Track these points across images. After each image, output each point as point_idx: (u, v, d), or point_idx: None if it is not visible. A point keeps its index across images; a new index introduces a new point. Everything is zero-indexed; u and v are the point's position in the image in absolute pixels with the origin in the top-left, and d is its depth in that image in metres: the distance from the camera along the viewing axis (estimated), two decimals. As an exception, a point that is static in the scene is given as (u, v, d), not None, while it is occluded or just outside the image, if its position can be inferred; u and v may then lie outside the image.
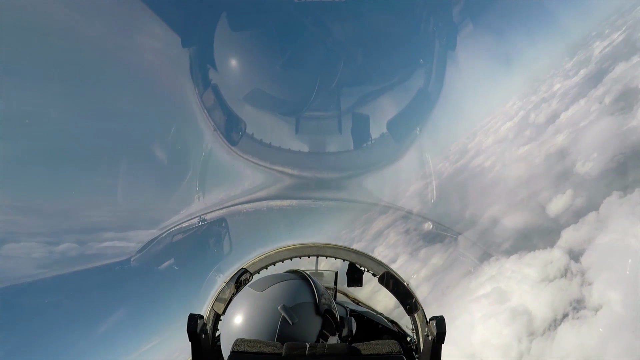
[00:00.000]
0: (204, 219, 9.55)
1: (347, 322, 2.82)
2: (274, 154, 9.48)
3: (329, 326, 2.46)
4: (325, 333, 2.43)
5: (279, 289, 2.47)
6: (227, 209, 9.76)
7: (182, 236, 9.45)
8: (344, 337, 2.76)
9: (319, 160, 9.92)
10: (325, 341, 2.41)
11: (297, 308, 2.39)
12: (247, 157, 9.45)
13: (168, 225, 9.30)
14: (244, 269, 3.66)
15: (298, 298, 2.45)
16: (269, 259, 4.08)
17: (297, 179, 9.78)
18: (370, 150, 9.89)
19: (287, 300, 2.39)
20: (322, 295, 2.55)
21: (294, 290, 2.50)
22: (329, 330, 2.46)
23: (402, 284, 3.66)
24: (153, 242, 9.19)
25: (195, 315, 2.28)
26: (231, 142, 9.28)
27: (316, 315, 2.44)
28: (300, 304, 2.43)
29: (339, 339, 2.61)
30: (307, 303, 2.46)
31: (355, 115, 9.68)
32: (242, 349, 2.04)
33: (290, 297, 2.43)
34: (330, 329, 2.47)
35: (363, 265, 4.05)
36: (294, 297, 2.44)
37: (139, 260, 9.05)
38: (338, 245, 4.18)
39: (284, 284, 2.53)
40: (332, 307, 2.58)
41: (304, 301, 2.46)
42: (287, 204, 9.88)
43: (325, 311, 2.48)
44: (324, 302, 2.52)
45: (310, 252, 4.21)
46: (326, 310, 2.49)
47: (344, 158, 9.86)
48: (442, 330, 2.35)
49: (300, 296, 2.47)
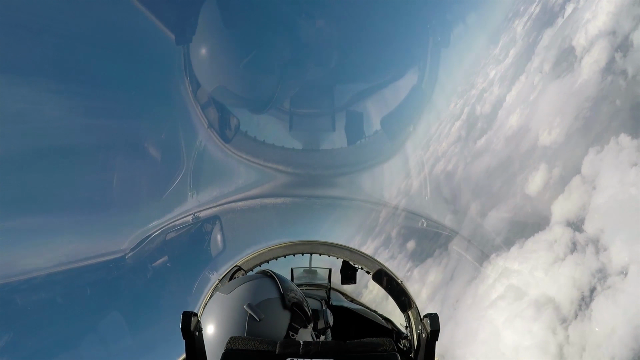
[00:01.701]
0: (197, 216, 9.54)
1: (323, 314, 2.89)
2: (268, 151, 9.48)
3: (298, 319, 2.52)
4: (295, 326, 2.49)
5: (244, 289, 2.54)
6: (220, 206, 9.75)
7: (175, 234, 9.44)
8: (320, 329, 2.86)
9: (312, 158, 9.92)
10: (296, 334, 2.48)
11: (263, 305, 2.45)
12: (241, 154, 9.44)
13: (161, 222, 9.29)
14: (238, 267, 3.67)
15: (264, 295, 2.50)
16: (263, 257, 4.08)
17: (290, 176, 9.79)
18: (363, 147, 9.91)
19: (252, 299, 2.45)
20: (289, 290, 2.59)
21: (260, 288, 2.56)
22: (298, 322, 2.51)
23: (396, 281, 3.67)
24: (147, 239, 9.18)
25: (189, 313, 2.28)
26: (225, 139, 9.27)
27: (283, 309, 2.50)
28: (266, 300, 2.48)
29: (314, 331, 2.68)
30: (273, 299, 2.51)
31: (348, 112, 9.69)
32: (235, 346, 2.05)
33: (255, 295, 2.49)
34: (300, 322, 2.52)
35: (357, 263, 4.06)
36: (260, 295, 2.50)
37: (133, 257, 9.04)
38: (332, 242, 4.19)
39: (250, 284, 2.59)
40: (301, 301, 2.62)
41: (270, 297, 2.51)
42: (280, 202, 9.89)
43: (293, 304, 2.53)
44: (291, 296, 2.57)
45: (304, 250, 4.22)
46: (294, 304, 2.54)
47: (337, 155, 9.87)
48: (436, 327, 2.37)
49: (266, 293, 2.53)
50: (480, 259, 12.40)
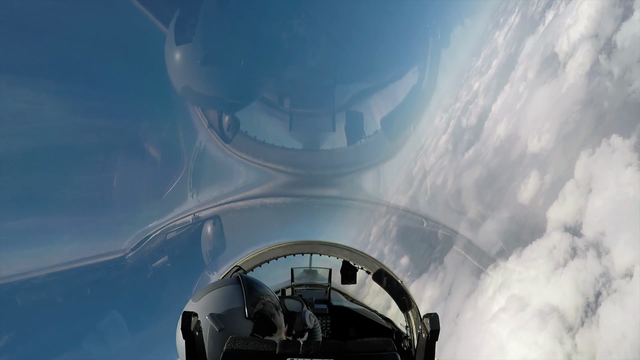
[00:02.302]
0: (197, 216, 9.54)
1: (301, 316, 2.90)
2: (268, 151, 9.48)
3: (260, 329, 2.54)
4: (257, 336, 2.50)
5: (210, 298, 2.56)
6: (220, 206, 9.75)
7: (175, 234, 9.44)
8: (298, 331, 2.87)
9: (312, 158, 9.92)
10: None
11: (226, 314, 2.47)
12: (241, 154, 9.44)
13: (162, 223, 9.28)
14: (238, 267, 3.67)
15: (227, 304, 2.52)
16: (263, 257, 4.08)
17: (290, 176, 9.78)
18: (363, 147, 9.90)
19: (216, 308, 2.48)
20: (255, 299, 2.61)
21: (225, 297, 2.57)
22: (260, 332, 2.53)
23: (396, 281, 3.66)
24: (147, 239, 9.18)
25: (189, 313, 2.28)
26: (225, 140, 9.27)
27: (246, 319, 2.51)
28: (230, 310, 2.50)
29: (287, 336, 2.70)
30: (236, 309, 2.52)
31: (349, 112, 9.69)
32: (235, 346, 2.05)
33: (219, 304, 2.51)
34: (262, 331, 2.54)
35: (357, 263, 4.05)
36: (223, 304, 2.52)
37: (133, 257, 9.04)
38: (332, 242, 4.19)
39: (217, 292, 2.60)
40: (267, 310, 2.63)
41: (233, 307, 2.52)
42: (280, 202, 9.89)
43: (256, 314, 2.55)
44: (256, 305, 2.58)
45: (304, 250, 4.22)
46: (257, 313, 2.55)
47: (337, 155, 9.87)
48: (436, 327, 2.36)
49: (230, 302, 2.54)
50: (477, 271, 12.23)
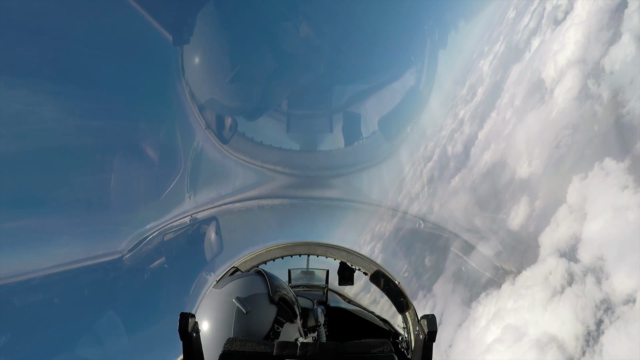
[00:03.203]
0: (195, 217, 9.54)
1: (314, 312, 2.97)
2: (265, 152, 9.48)
3: (284, 313, 2.63)
4: (281, 319, 2.59)
5: (234, 284, 2.66)
6: (218, 207, 9.75)
7: (173, 235, 9.44)
8: (310, 326, 2.99)
9: (310, 159, 9.92)
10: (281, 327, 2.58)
11: (251, 299, 2.56)
12: (239, 155, 9.44)
13: (159, 224, 9.28)
14: (235, 268, 3.68)
15: (252, 290, 2.63)
16: (260, 258, 4.09)
17: (288, 178, 9.78)
18: (361, 148, 9.90)
19: (241, 293, 2.58)
20: (277, 287, 2.71)
21: (250, 284, 2.68)
22: (284, 317, 2.62)
23: (393, 283, 3.68)
24: (144, 241, 9.17)
25: (186, 314, 2.30)
26: (222, 141, 9.26)
27: (270, 304, 2.60)
28: (254, 294, 2.60)
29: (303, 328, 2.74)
30: (260, 294, 2.62)
31: (346, 113, 9.69)
32: (233, 348, 2.06)
33: (244, 290, 2.61)
34: (286, 316, 2.63)
35: (354, 264, 4.07)
36: (249, 290, 2.62)
37: (131, 259, 9.03)
38: (329, 243, 4.20)
39: (240, 280, 2.71)
40: (289, 297, 2.74)
41: (258, 292, 2.63)
42: (278, 203, 9.89)
43: (280, 300, 2.65)
44: (279, 292, 2.68)
45: (302, 251, 4.23)
46: (280, 299, 2.65)
47: (335, 156, 9.87)
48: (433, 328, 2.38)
49: (254, 288, 2.65)
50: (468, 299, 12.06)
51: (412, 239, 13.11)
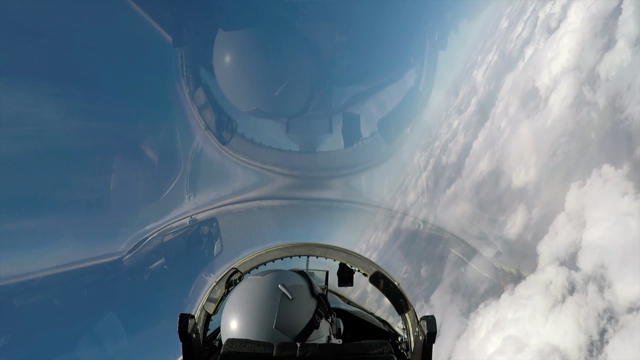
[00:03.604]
0: (194, 218, 9.54)
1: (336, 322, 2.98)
2: (265, 153, 9.48)
3: (322, 307, 2.66)
4: (320, 312, 2.62)
5: (277, 274, 2.72)
6: (217, 208, 9.75)
7: (172, 236, 9.44)
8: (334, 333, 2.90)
9: (309, 160, 9.93)
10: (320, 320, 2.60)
11: (295, 288, 2.60)
12: (238, 156, 9.44)
13: (159, 225, 9.28)
14: (235, 269, 3.67)
15: (295, 280, 2.68)
16: (260, 259, 4.09)
17: (287, 179, 9.79)
18: (360, 149, 9.91)
19: (285, 281, 2.61)
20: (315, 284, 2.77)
21: (292, 275, 2.75)
22: (322, 310, 2.65)
23: (393, 284, 3.68)
24: (144, 242, 9.17)
25: (186, 315, 2.30)
26: (222, 142, 9.27)
27: (311, 296, 2.65)
28: (298, 285, 2.65)
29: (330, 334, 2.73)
30: (303, 285, 2.68)
31: (345, 114, 9.70)
32: (232, 349, 2.07)
33: (288, 279, 2.66)
34: (324, 310, 2.66)
35: (353, 265, 4.07)
36: (292, 280, 2.66)
37: (130, 260, 9.03)
38: (328, 244, 4.20)
39: (282, 271, 2.78)
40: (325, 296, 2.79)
41: (301, 283, 2.68)
42: (277, 204, 9.89)
43: (320, 294, 2.71)
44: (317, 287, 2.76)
45: (301, 252, 4.23)
46: (320, 294, 2.72)
47: (334, 157, 9.87)
48: (433, 329, 2.39)
49: (297, 280, 2.71)
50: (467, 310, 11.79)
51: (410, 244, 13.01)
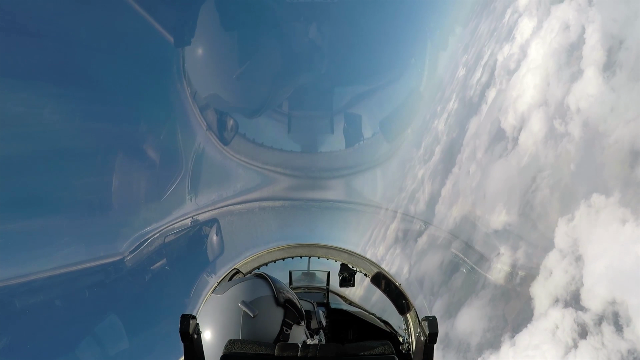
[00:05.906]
0: (196, 219, 9.54)
1: (315, 314, 2.96)
2: (267, 153, 9.48)
3: (291, 315, 2.60)
4: (288, 321, 2.56)
5: (237, 289, 2.62)
6: (219, 209, 9.75)
7: (174, 237, 9.43)
8: (313, 329, 2.92)
9: (311, 160, 9.93)
10: (290, 329, 2.54)
11: (257, 302, 2.53)
12: (239, 156, 9.45)
13: (160, 225, 9.28)
14: (236, 270, 3.68)
15: (257, 293, 2.59)
16: (261, 259, 4.09)
17: (289, 179, 9.79)
18: (362, 149, 9.91)
19: (246, 297, 2.54)
20: (281, 289, 2.68)
21: (253, 287, 2.65)
22: (291, 318, 2.59)
23: (394, 284, 3.68)
24: (145, 242, 9.17)
25: (187, 316, 2.29)
26: (223, 142, 9.27)
27: (277, 306, 2.58)
28: (260, 297, 2.57)
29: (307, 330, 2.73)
30: (266, 297, 2.59)
31: (347, 115, 9.69)
32: (234, 349, 2.06)
33: (249, 293, 2.58)
34: (293, 318, 2.60)
35: (355, 266, 4.07)
36: (253, 293, 2.58)
37: (132, 260, 9.03)
38: (330, 245, 4.21)
39: (243, 284, 2.67)
40: (294, 299, 2.71)
41: (263, 295, 2.60)
42: (279, 205, 9.89)
43: (286, 301, 2.62)
44: (283, 294, 2.65)
45: (302, 253, 4.24)
46: (286, 301, 2.63)
47: (336, 158, 9.87)
48: (434, 330, 2.38)
49: (259, 291, 2.62)
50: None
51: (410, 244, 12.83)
